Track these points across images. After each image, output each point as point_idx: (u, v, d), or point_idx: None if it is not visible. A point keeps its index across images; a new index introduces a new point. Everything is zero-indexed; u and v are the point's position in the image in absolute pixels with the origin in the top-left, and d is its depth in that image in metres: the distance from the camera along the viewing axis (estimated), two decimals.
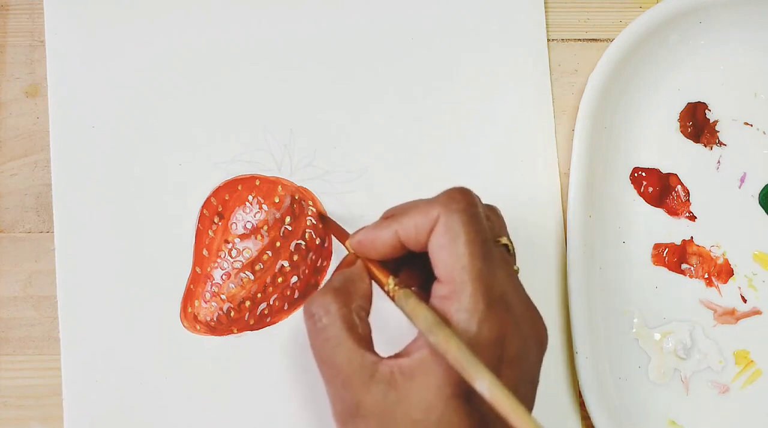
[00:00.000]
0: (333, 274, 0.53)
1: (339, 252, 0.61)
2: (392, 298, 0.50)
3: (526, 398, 0.50)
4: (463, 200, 0.50)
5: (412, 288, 0.50)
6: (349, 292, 0.51)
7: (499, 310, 0.48)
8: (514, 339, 0.48)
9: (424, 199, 0.51)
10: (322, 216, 0.61)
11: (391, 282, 0.51)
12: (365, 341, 0.50)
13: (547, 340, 0.51)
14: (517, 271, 0.52)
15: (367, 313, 0.51)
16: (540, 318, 0.51)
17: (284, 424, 0.60)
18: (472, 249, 0.48)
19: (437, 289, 0.49)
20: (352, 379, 0.48)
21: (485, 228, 0.50)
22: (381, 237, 0.51)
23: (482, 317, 0.47)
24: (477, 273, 0.48)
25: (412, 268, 0.53)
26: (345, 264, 0.53)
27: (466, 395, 0.47)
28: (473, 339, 0.47)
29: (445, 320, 0.48)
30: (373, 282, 0.52)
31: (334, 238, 0.61)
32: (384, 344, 0.52)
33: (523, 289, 0.52)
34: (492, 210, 0.54)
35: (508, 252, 0.52)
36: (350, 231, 0.61)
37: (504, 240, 0.52)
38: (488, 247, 0.49)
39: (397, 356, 0.49)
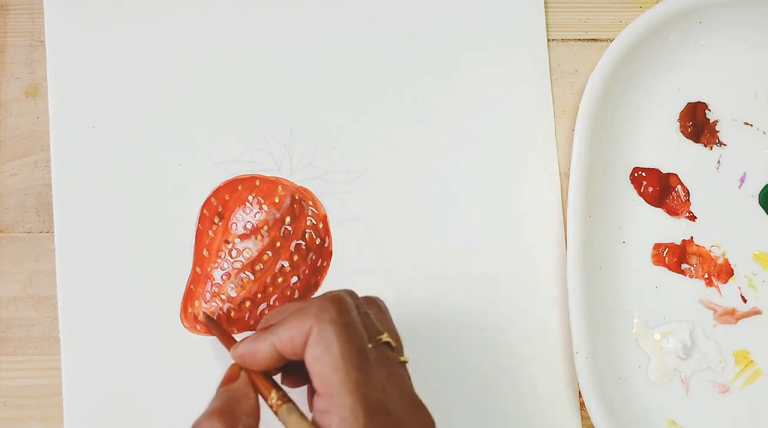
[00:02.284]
0: (217, 392, 0.52)
1: (339, 252, 0.61)
2: (275, 413, 0.50)
3: None
4: (333, 309, 0.49)
5: (295, 404, 0.50)
6: (234, 413, 0.50)
7: (380, 418, 0.48)
8: None
9: (299, 306, 0.51)
10: (208, 319, 0.59)
11: (274, 396, 0.50)
12: None
13: None
14: (404, 363, 0.52)
15: None
16: (425, 412, 0.51)
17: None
18: (346, 361, 0.48)
19: (317, 403, 0.49)
20: None
21: (359, 336, 0.49)
22: (260, 351, 0.51)
23: None
24: (354, 385, 0.48)
25: (298, 368, 0.52)
26: (229, 378, 0.52)
27: None
28: None
29: None
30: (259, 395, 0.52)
31: (334, 237, 0.61)
32: None
33: (408, 385, 0.51)
34: (372, 304, 0.54)
35: (391, 348, 0.52)
36: (351, 231, 0.62)
37: (384, 337, 0.51)
38: (364, 355, 0.49)
39: None
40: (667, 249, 0.63)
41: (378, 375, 0.50)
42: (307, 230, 0.61)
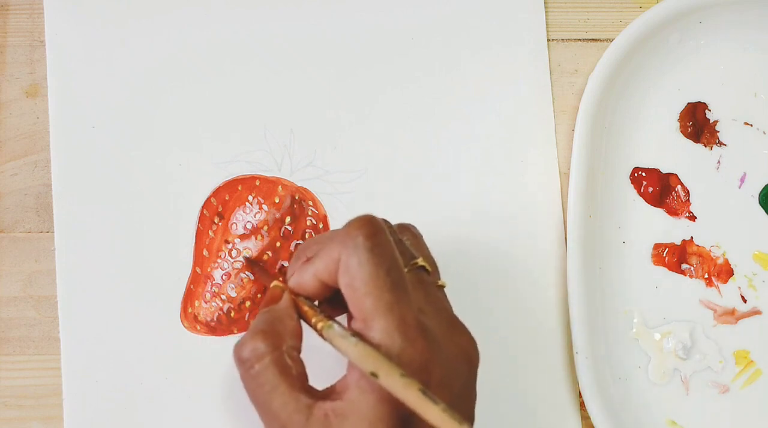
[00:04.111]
0: (259, 312, 0.52)
1: None
2: (319, 332, 0.50)
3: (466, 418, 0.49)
4: (360, 234, 0.49)
5: (338, 322, 0.50)
6: (278, 333, 0.50)
7: (416, 338, 0.48)
8: (438, 363, 0.48)
9: (331, 234, 0.51)
10: (248, 260, 0.60)
11: (317, 315, 0.50)
12: (300, 381, 0.49)
13: (478, 355, 0.51)
14: (442, 287, 0.52)
15: (299, 351, 0.51)
16: (466, 334, 0.51)
17: None
18: (376, 283, 0.48)
19: (353, 325, 0.49)
20: (288, 424, 0.48)
21: (390, 257, 0.49)
22: (306, 282, 0.51)
23: (399, 350, 0.47)
24: (386, 307, 0.48)
25: (335, 297, 0.52)
26: (270, 299, 0.52)
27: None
28: None
29: None
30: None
31: None
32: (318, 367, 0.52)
33: (447, 307, 0.51)
34: (406, 230, 0.53)
35: (427, 272, 0.51)
36: None
37: (420, 261, 0.51)
38: (395, 275, 0.48)
39: (330, 393, 0.49)
40: (667, 249, 0.63)
41: (414, 296, 0.49)
42: (307, 230, 0.61)
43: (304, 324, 0.52)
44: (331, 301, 0.52)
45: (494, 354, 0.61)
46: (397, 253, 0.49)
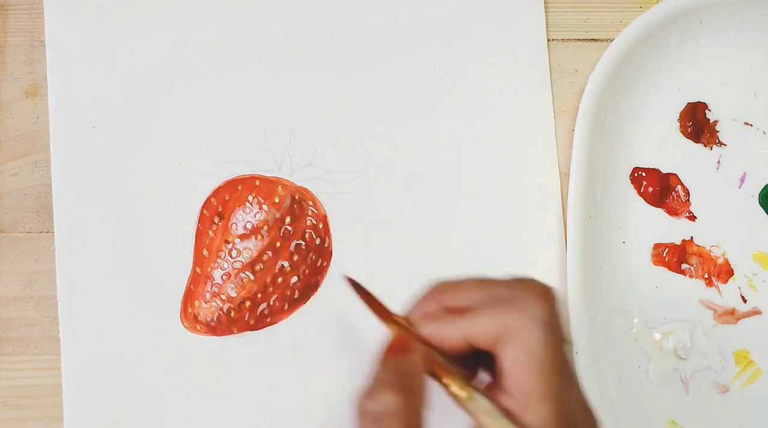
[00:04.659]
0: (385, 361, 0.46)
1: (339, 252, 0.61)
2: (457, 398, 0.46)
3: None
4: (541, 307, 0.45)
5: (484, 392, 0.46)
6: (410, 389, 0.45)
7: (566, 425, 0.45)
8: None
9: (495, 292, 0.47)
10: (354, 283, 0.51)
11: (459, 381, 0.46)
12: None
13: None
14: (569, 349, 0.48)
15: (425, 408, 0.46)
16: (593, 415, 0.48)
17: (284, 424, 0.60)
18: (549, 366, 0.45)
19: (504, 401, 0.45)
20: None
21: (562, 335, 0.45)
22: (449, 337, 0.46)
23: None
24: (552, 394, 0.45)
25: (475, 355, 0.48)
26: (399, 347, 0.47)
27: None
28: None
29: None
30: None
31: (334, 237, 0.61)
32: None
33: (583, 390, 0.48)
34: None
35: (569, 345, 0.48)
36: (351, 231, 0.61)
37: (568, 336, 0.48)
38: (563, 357, 0.45)
39: None
40: (667, 249, 0.63)
41: (569, 376, 0.46)
42: (307, 230, 0.61)
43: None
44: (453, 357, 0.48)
45: None
46: (565, 332, 0.46)
